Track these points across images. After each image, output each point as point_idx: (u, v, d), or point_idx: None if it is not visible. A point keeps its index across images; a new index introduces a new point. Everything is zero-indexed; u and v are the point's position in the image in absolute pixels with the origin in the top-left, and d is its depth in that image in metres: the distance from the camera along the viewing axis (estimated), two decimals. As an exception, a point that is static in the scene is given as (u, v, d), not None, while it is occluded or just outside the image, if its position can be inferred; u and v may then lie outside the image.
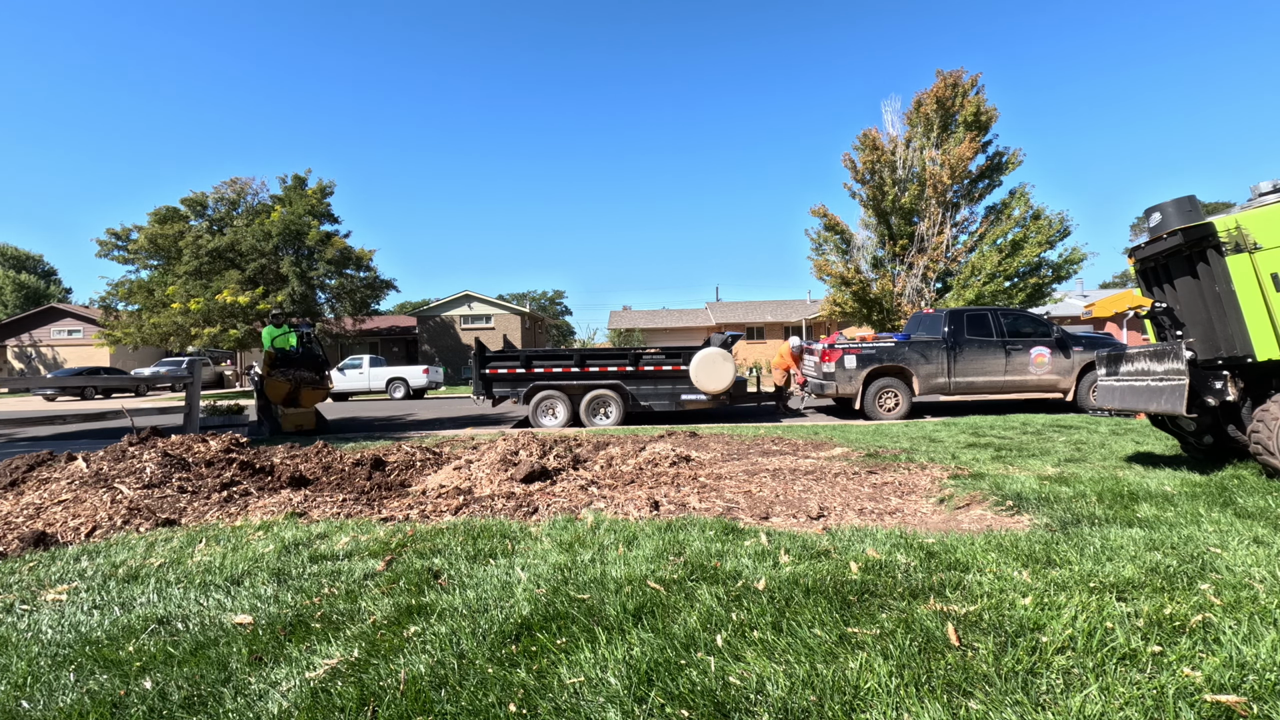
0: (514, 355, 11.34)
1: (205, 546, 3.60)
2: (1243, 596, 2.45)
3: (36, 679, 2.11)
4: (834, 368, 10.88)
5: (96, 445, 6.75)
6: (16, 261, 59.33)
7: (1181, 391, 4.68)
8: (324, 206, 29.46)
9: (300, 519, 4.23)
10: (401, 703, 1.88)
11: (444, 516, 4.29)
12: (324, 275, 28.28)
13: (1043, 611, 2.34)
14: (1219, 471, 4.97)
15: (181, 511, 4.41)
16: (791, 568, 2.91)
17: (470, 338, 36.54)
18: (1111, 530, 3.44)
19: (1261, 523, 3.51)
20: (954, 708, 1.77)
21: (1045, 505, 4.09)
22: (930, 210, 21.11)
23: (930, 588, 2.62)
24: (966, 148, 20.24)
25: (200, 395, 8.78)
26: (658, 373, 11.08)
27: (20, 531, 3.88)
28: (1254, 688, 1.83)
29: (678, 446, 6.96)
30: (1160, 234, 5.13)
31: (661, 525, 3.75)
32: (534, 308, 61.66)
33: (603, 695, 1.89)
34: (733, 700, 1.85)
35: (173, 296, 26.12)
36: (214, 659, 2.20)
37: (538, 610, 2.50)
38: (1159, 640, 2.12)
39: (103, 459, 5.23)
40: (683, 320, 41.58)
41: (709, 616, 2.39)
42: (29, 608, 2.79)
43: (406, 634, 2.34)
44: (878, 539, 3.37)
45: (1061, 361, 10.94)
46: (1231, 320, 4.68)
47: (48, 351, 40.98)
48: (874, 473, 5.57)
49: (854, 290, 21.94)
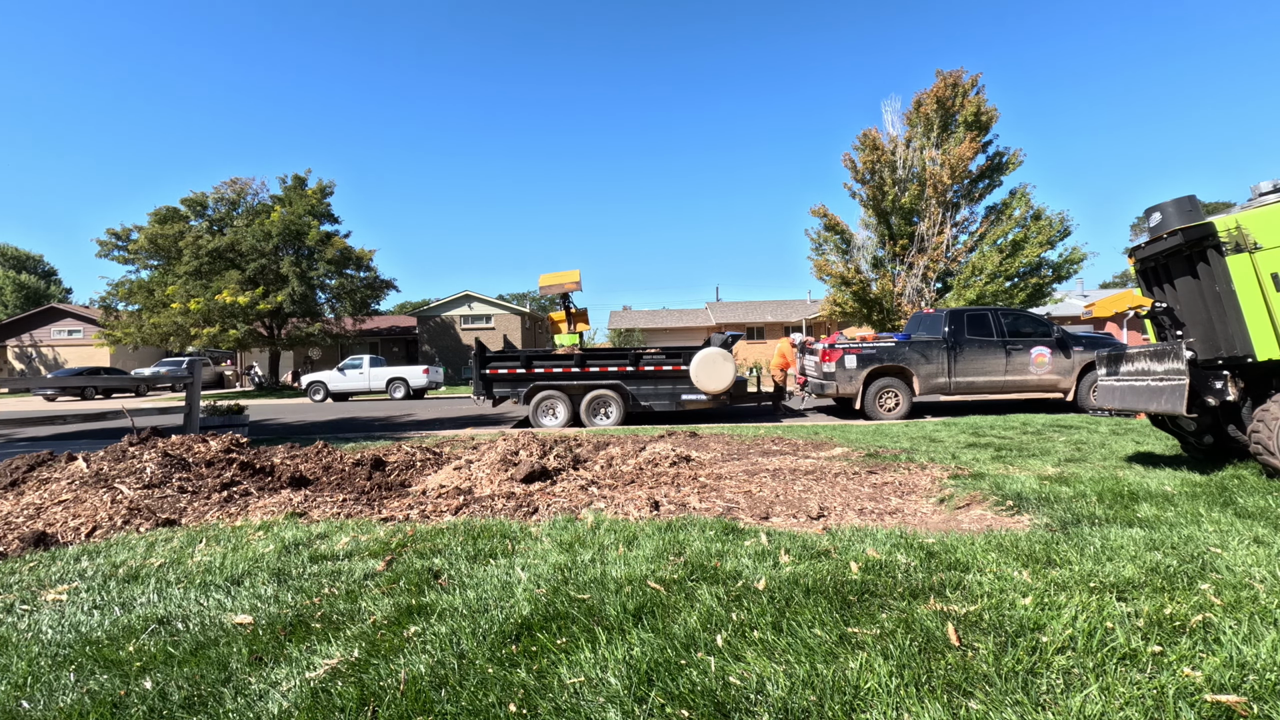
0: (514, 355, 11.34)
1: (205, 546, 3.60)
2: (1243, 596, 2.45)
3: (37, 679, 2.11)
4: (834, 367, 10.88)
5: (97, 445, 6.75)
6: (17, 262, 59.33)
7: (1182, 391, 4.68)
8: (324, 206, 29.46)
9: (300, 519, 4.23)
10: (402, 703, 1.88)
11: (444, 516, 4.29)
12: (324, 275, 28.27)
13: (1043, 611, 2.34)
14: (1219, 471, 4.97)
15: (182, 512, 4.41)
16: (792, 568, 2.91)
17: (470, 338, 36.51)
18: (1112, 530, 3.44)
19: (1262, 522, 3.51)
20: (954, 708, 1.77)
21: (1045, 505, 4.09)
22: (930, 210, 21.11)
23: (930, 588, 2.62)
24: (967, 148, 20.24)
25: (200, 395, 8.77)
26: (658, 373, 11.08)
27: (20, 531, 3.88)
28: (1254, 688, 1.82)
29: (678, 446, 6.96)
30: (1160, 234, 5.13)
31: (662, 525, 3.75)
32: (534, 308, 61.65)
33: (603, 695, 1.89)
34: (733, 700, 1.85)
35: (173, 296, 26.12)
36: (214, 659, 2.20)
37: (538, 610, 2.50)
38: (1159, 640, 2.12)
39: (103, 459, 5.23)
40: (683, 320, 41.56)
41: (709, 616, 2.39)
42: (29, 608, 2.79)
43: (407, 634, 2.34)
44: (878, 539, 3.37)
45: (1062, 361, 10.93)
46: (1231, 320, 4.68)
47: (48, 352, 40.97)
48: (874, 473, 5.57)
49: (854, 290, 21.94)
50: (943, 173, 20.48)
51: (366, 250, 29.62)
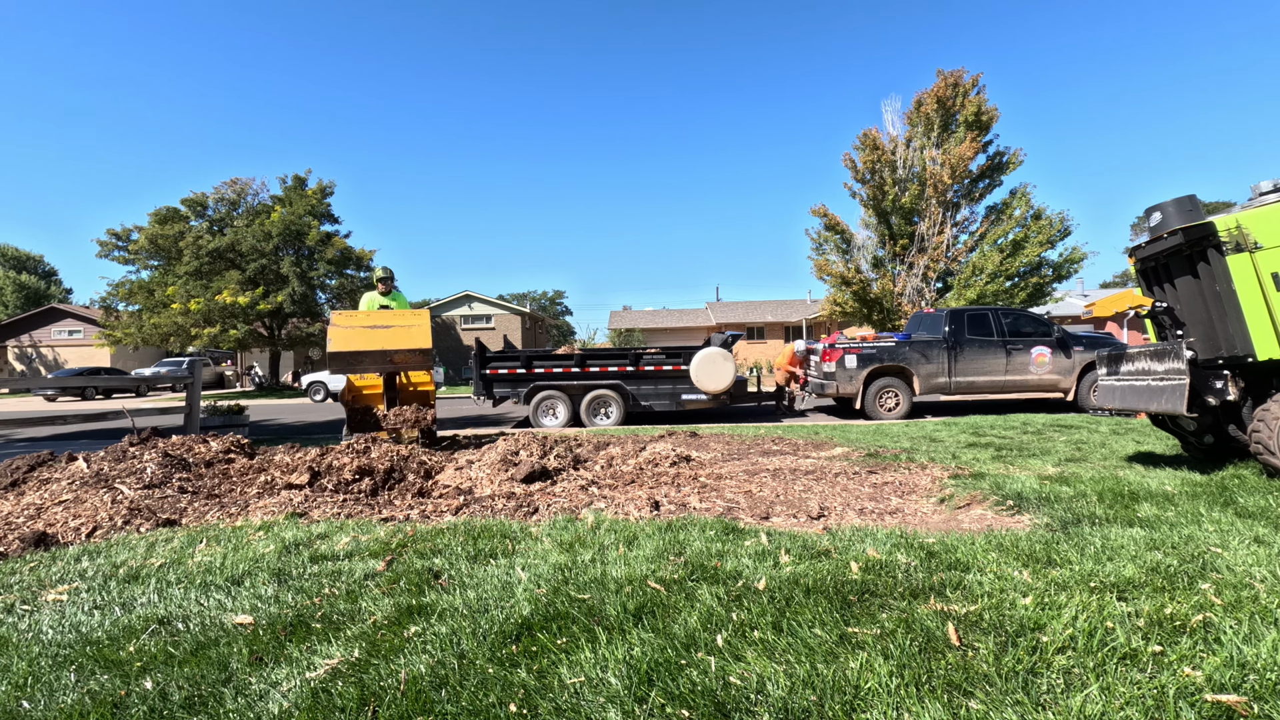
0: (514, 355, 11.35)
1: (206, 547, 3.60)
2: (1243, 596, 2.45)
3: (37, 679, 2.11)
4: (834, 367, 10.88)
5: (97, 445, 6.75)
6: (17, 262, 59.32)
7: (1182, 391, 4.68)
8: (324, 207, 29.45)
9: (301, 519, 4.23)
10: (402, 703, 1.88)
11: (444, 517, 4.29)
12: (324, 275, 28.26)
13: (1043, 611, 2.34)
14: (1220, 471, 4.96)
15: (182, 512, 4.41)
16: (792, 568, 2.91)
17: (470, 338, 36.53)
18: (1112, 530, 3.43)
19: (1262, 522, 3.50)
20: (954, 707, 1.77)
21: (1046, 505, 4.09)
22: (931, 210, 21.11)
23: (931, 587, 2.62)
24: (967, 147, 20.24)
25: (200, 395, 8.77)
26: (658, 373, 11.08)
27: (21, 532, 3.88)
28: (1254, 687, 1.82)
29: (678, 446, 6.96)
30: (1161, 233, 5.13)
31: (662, 525, 3.75)
32: (534, 308, 61.63)
33: (603, 695, 1.89)
34: (733, 700, 1.85)
35: (173, 297, 26.11)
36: (215, 659, 2.20)
37: (538, 610, 2.50)
38: (1160, 640, 2.12)
39: (103, 459, 5.23)
40: (683, 320, 41.56)
41: (709, 616, 2.39)
42: (30, 608, 2.79)
43: (407, 634, 2.34)
44: (878, 539, 3.37)
45: (1062, 361, 10.93)
46: (1232, 320, 4.68)
47: (48, 352, 41.00)
48: (874, 473, 5.56)
49: (854, 290, 21.94)
50: (943, 172, 20.48)
51: (367, 250, 29.62)
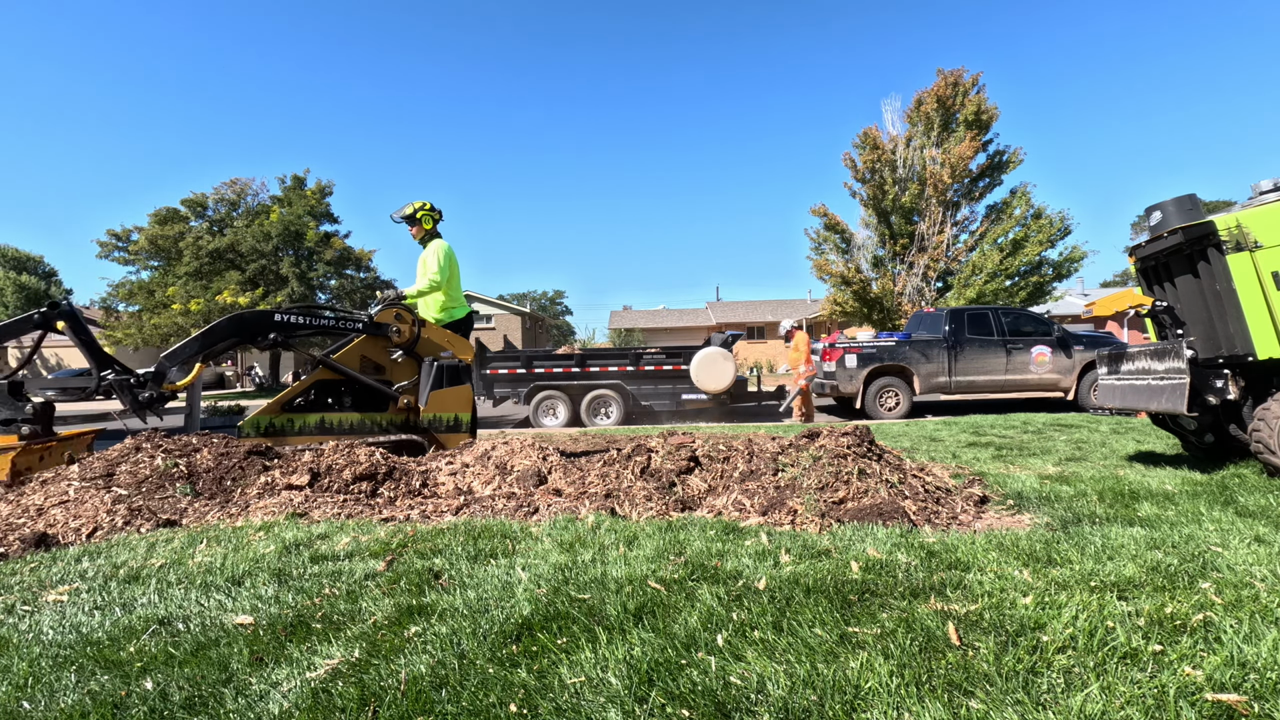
0: (514, 355, 11.36)
1: (206, 547, 3.60)
2: (1244, 595, 2.45)
3: (38, 680, 2.11)
4: (835, 367, 10.88)
5: (97, 446, 6.75)
6: (17, 263, 59.28)
7: (1182, 390, 4.67)
8: (323, 207, 29.47)
9: (301, 519, 4.23)
10: (402, 703, 1.88)
11: (444, 517, 4.29)
12: (324, 276, 28.29)
13: (1043, 611, 2.34)
14: (1220, 470, 4.96)
15: (182, 512, 4.41)
16: (792, 567, 2.91)
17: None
18: (1112, 529, 3.43)
19: (1263, 521, 3.50)
20: (955, 707, 1.77)
21: (1046, 504, 4.09)
22: (931, 209, 21.11)
23: (931, 587, 2.62)
24: (967, 147, 20.23)
25: (201, 396, 8.78)
26: (658, 372, 11.09)
27: (21, 533, 3.88)
28: (1255, 686, 1.82)
29: (678, 446, 6.94)
30: (1161, 232, 5.13)
31: (662, 525, 3.74)
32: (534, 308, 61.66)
33: (603, 695, 1.89)
34: (733, 700, 1.85)
35: (173, 297, 26.13)
36: (215, 659, 2.20)
37: (538, 610, 2.50)
38: (1160, 639, 2.11)
39: (103, 459, 5.22)
40: (683, 320, 41.57)
41: (710, 616, 2.39)
42: (30, 608, 2.79)
43: (407, 634, 2.34)
44: (878, 538, 3.36)
45: (1062, 360, 10.93)
46: (1232, 319, 4.68)
47: (48, 353, 40.98)
48: (875, 472, 5.56)
49: (854, 289, 21.94)
50: (943, 172, 20.47)
51: (366, 250, 29.67)
